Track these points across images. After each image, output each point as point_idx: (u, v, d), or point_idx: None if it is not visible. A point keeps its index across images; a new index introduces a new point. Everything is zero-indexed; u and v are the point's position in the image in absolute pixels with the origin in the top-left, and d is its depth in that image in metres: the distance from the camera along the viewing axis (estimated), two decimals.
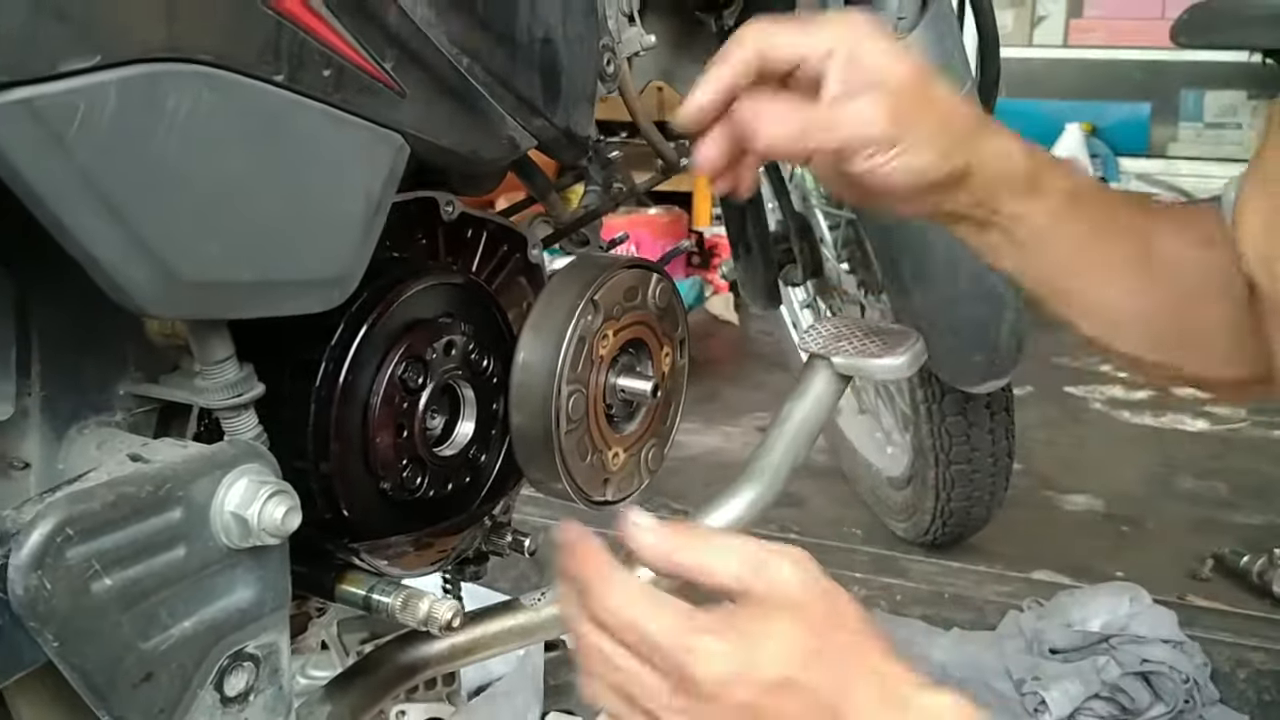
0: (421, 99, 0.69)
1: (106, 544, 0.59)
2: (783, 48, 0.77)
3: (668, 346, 0.91)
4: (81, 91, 0.50)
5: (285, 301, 0.65)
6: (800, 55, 0.77)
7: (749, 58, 0.77)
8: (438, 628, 0.76)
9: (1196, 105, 5.61)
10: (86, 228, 0.52)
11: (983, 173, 0.82)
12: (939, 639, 1.78)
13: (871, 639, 0.65)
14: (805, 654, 0.63)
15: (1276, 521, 2.36)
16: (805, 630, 0.64)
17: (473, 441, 0.84)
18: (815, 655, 0.63)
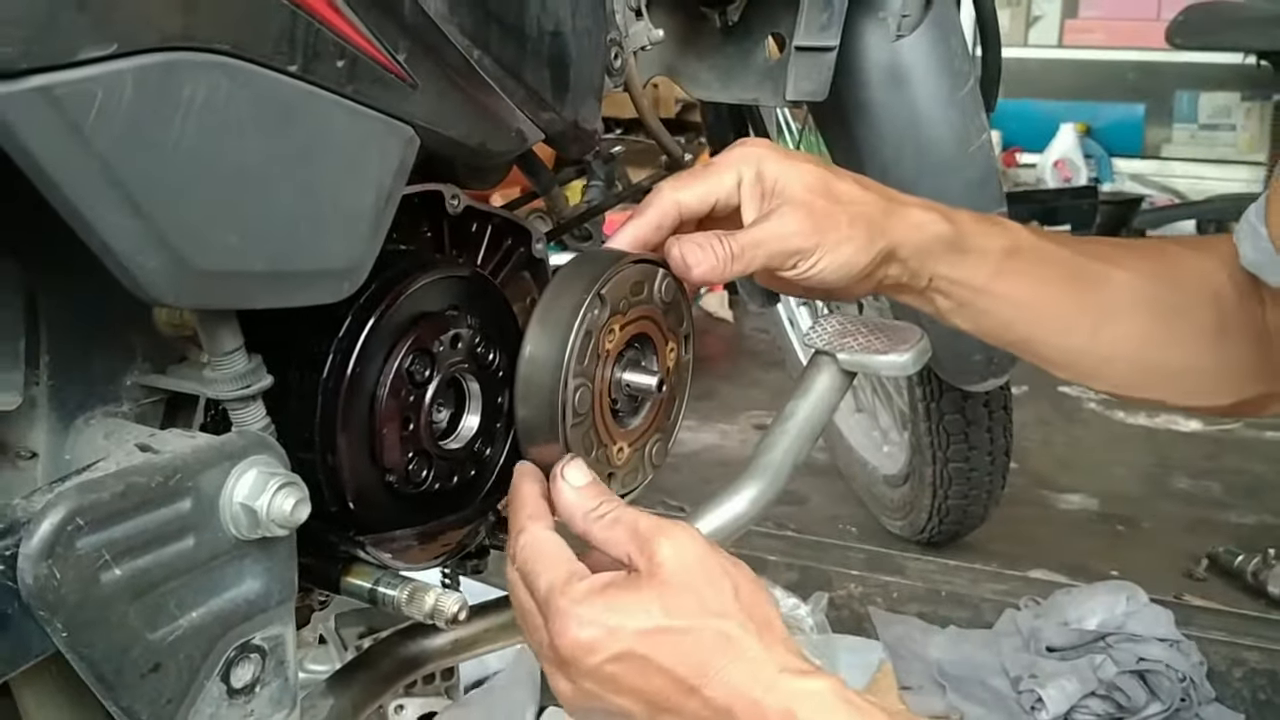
0: (433, 91, 0.69)
1: (116, 534, 0.59)
2: (695, 197, 0.85)
3: (673, 342, 0.91)
4: (99, 79, 0.50)
5: (296, 292, 0.65)
6: (712, 198, 0.86)
7: (667, 211, 0.85)
8: (443, 621, 0.76)
9: (1191, 106, 5.63)
10: (102, 216, 0.52)
11: (905, 248, 0.88)
12: (935, 637, 1.79)
13: (754, 621, 0.69)
14: (659, 633, 0.68)
15: (1270, 521, 2.37)
16: (666, 610, 0.68)
17: (478, 435, 0.84)
18: (675, 636, 0.68)
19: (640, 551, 0.71)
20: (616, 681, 0.69)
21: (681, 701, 0.68)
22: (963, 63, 1.33)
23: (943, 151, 1.32)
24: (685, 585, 0.70)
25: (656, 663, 0.68)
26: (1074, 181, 5.22)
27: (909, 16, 1.24)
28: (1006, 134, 5.56)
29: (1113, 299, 0.95)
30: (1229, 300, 0.97)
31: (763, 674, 0.68)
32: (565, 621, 0.69)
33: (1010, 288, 0.91)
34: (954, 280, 0.90)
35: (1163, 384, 0.98)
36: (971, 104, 1.34)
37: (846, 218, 0.85)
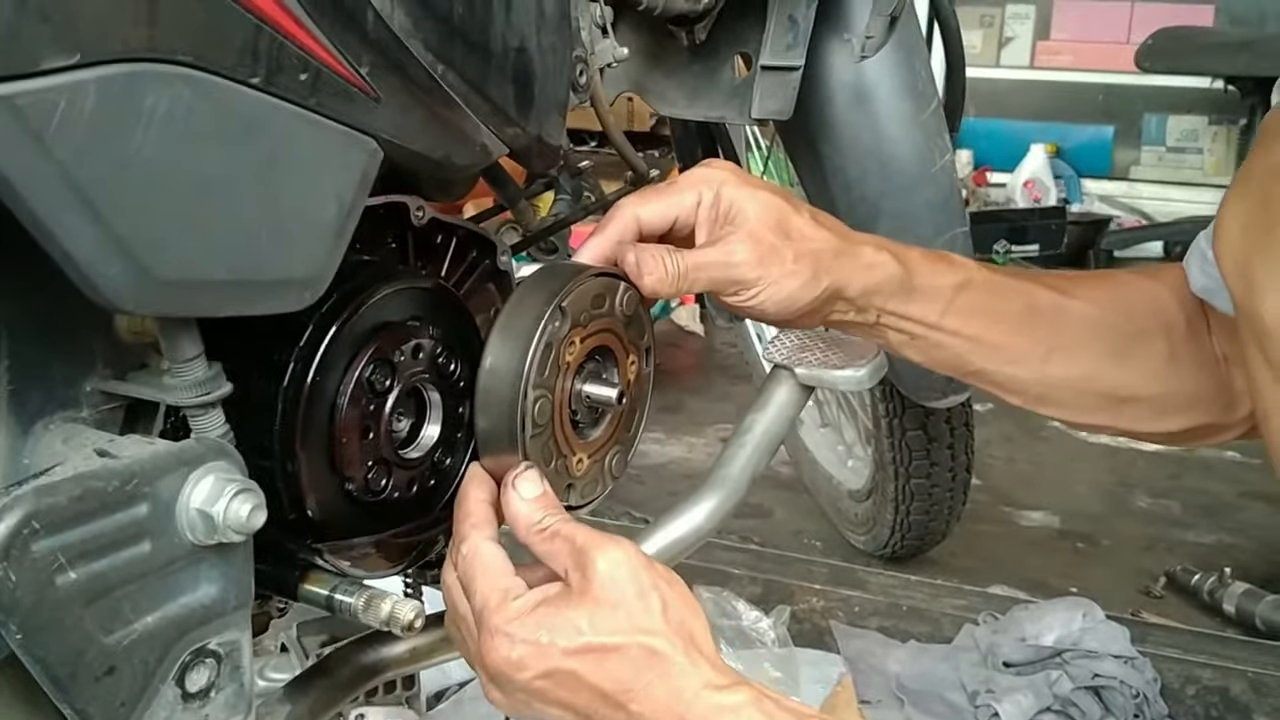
0: (396, 105, 0.70)
1: (72, 538, 0.59)
2: (656, 214, 0.87)
3: (634, 354, 0.92)
4: (61, 89, 0.51)
5: (257, 301, 0.65)
6: (672, 215, 0.88)
7: (627, 225, 0.87)
8: (400, 628, 0.77)
9: (1159, 129, 5.70)
10: (63, 224, 0.53)
11: (852, 287, 0.90)
12: (895, 651, 1.80)
13: (672, 640, 0.71)
14: (584, 652, 0.71)
15: (1227, 541, 2.40)
16: (594, 626, 0.71)
17: (438, 444, 0.84)
18: (600, 654, 0.71)
19: (575, 566, 0.74)
20: (545, 695, 0.72)
21: (610, 714, 0.71)
22: (926, 84, 1.35)
23: (905, 171, 1.34)
24: (615, 602, 0.72)
25: (584, 679, 0.71)
26: (1043, 202, 5.27)
27: (873, 38, 1.26)
28: (977, 153, 5.61)
29: (1064, 329, 0.97)
30: (1179, 329, 0.99)
31: (686, 689, 0.70)
32: (496, 639, 0.72)
33: (961, 324, 0.93)
34: (904, 317, 0.92)
35: (1111, 412, 1.00)
36: (935, 124, 1.36)
37: (793, 254, 0.86)
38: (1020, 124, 5.67)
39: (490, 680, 0.75)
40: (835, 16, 1.27)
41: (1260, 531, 2.45)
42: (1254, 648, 1.79)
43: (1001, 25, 5.86)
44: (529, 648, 0.71)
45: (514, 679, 0.72)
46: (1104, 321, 0.98)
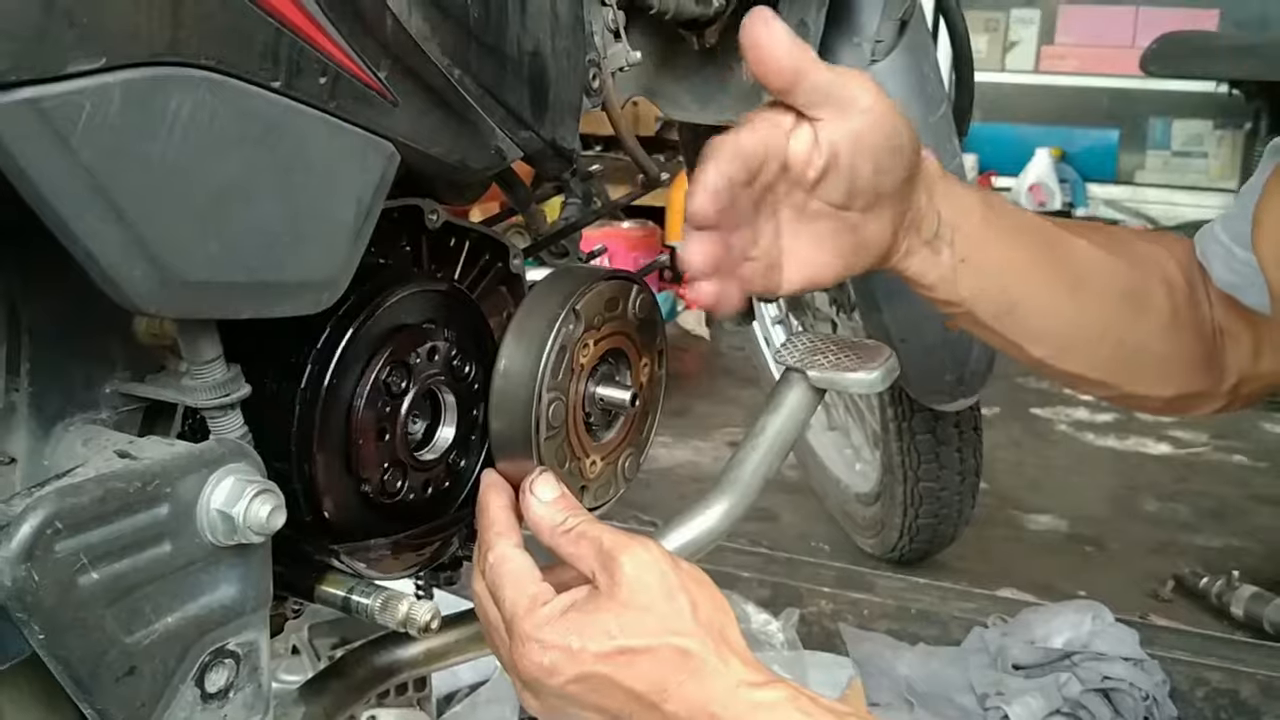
0: (413, 109, 0.70)
1: (94, 538, 0.60)
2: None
3: (646, 357, 0.92)
4: (87, 92, 0.51)
5: (276, 303, 0.66)
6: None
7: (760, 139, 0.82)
8: (416, 629, 0.77)
9: (1164, 133, 5.70)
10: (87, 226, 0.53)
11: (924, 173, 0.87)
12: (904, 654, 1.80)
13: (710, 634, 0.72)
14: (617, 654, 0.71)
15: (1235, 544, 2.40)
16: (625, 629, 0.71)
17: (453, 446, 0.85)
18: (630, 656, 0.70)
19: (603, 569, 0.74)
20: (579, 699, 0.72)
21: (644, 715, 0.71)
22: (936, 88, 1.35)
23: None
24: (644, 604, 0.72)
25: (616, 681, 0.71)
26: (1048, 206, 5.28)
27: (883, 42, 1.26)
28: (983, 158, 5.61)
29: (1081, 266, 0.96)
30: (1180, 290, 1.00)
31: (720, 688, 0.70)
32: (528, 646, 0.72)
33: (998, 238, 0.91)
34: (953, 225, 0.89)
35: (1120, 367, 0.99)
36: (944, 128, 1.37)
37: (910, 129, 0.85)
38: (1025, 128, 5.68)
39: (524, 687, 0.75)
40: (845, 20, 1.27)
41: (1269, 534, 2.45)
42: (1263, 650, 1.79)
43: (1006, 30, 5.86)
44: (560, 653, 0.71)
45: (547, 684, 0.72)
46: (1113, 267, 0.98)
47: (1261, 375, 1.02)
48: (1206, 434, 2.96)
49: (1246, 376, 1.02)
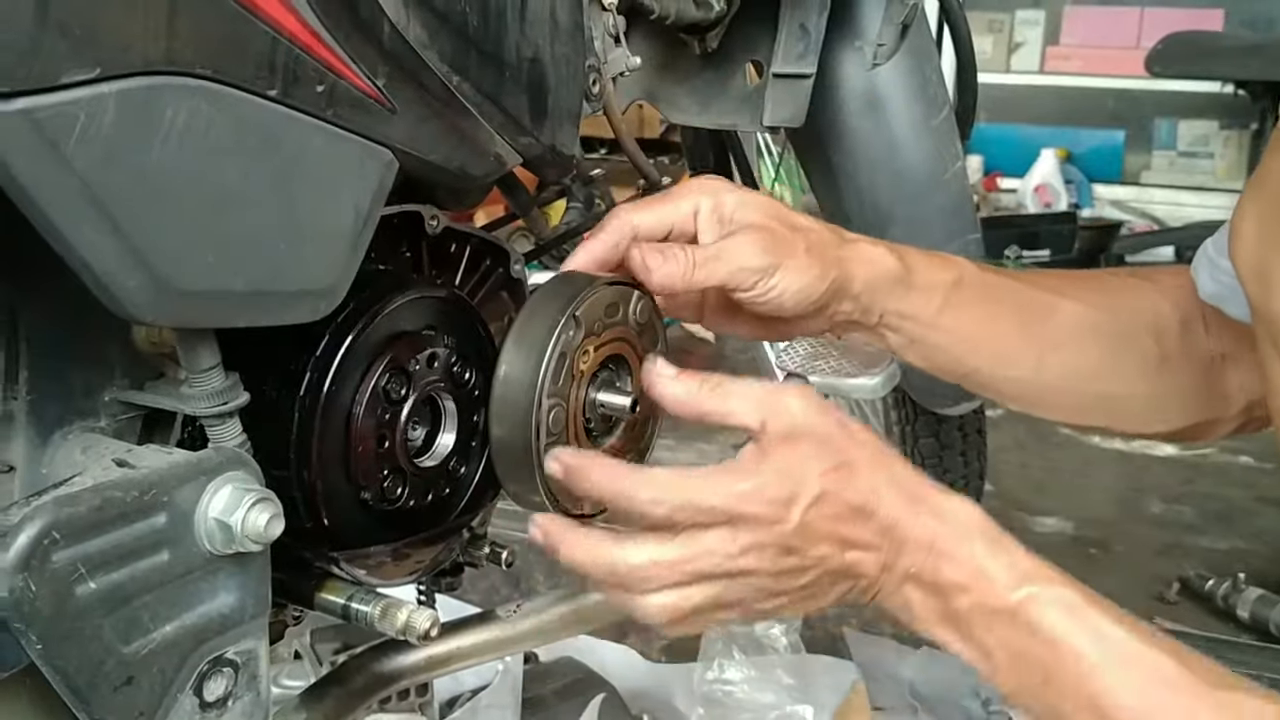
0: (412, 116, 0.70)
1: (92, 548, 0.60)
2: (652, 220, 0.86)
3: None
4: (81, 103, 0.51)
5: (274, 312, 0.66)
6: (669, 222, 0.86)
7: (624, 231, 0.84)
8: (415, 637, 0.77)
9: (1170, 134, 5.69)
10: (82, 236, 0.53)
11: (857, 282, 0.89)
12: (909, 657, 1.80)
13: (885, 450, 0.75)
14: (837, 470, 0.72)
15: (1241, 546, 2.40)
16: (828, 449, 0.73)
17: (453, 453, 0.85)
18: (845, 469, 0.72)
19: (772, 413, 0.74)
20: (815, 529, 0.72)
21: (860, 532, 0.73)
22: (938, 90, 1.35)
23: (917, 178, 1.34)
24: (824, 426, 0.74)
25: (843, 497, 0.72)
26: (1054, 207, 5.27)
27: (885, 45, 1.26)
28: (988, 159, 5.61)
29: (1058, 329, 0.98)
30: (1171, 330, 1.00)
31: (913, 489, 0.75)
32: (755, 495, 0.71)
33: (957, 321, 0.93)
34: (903, 315, 0.92)
35: (1107, 412, 1.01)
36: (947, 131, 1.36)
37: (804, 244, 0.86)
38: (1030, 129, 5.67)
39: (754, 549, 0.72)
40: (847, 24, 1.27)
41: (1275, 537, 2.44)
42: (1269, 653, 1.79)
43: (1011, 31, 5.85)
44: (791, 482, 0.71)
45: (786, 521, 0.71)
46: (1095, 320, 0.99)
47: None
48: None
49: (1258, 399, 1.01)
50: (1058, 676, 0.71)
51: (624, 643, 1.85)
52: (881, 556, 0.74)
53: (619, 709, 1.60)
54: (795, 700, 1.56)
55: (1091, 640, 0.71)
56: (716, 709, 1.58)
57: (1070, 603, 0.72)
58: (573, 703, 1.57)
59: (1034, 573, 0.74)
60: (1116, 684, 0.70)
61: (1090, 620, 0.72)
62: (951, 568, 0.73)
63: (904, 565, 0.74)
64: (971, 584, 0.73)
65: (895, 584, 0.75)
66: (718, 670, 1.60)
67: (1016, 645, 0.72)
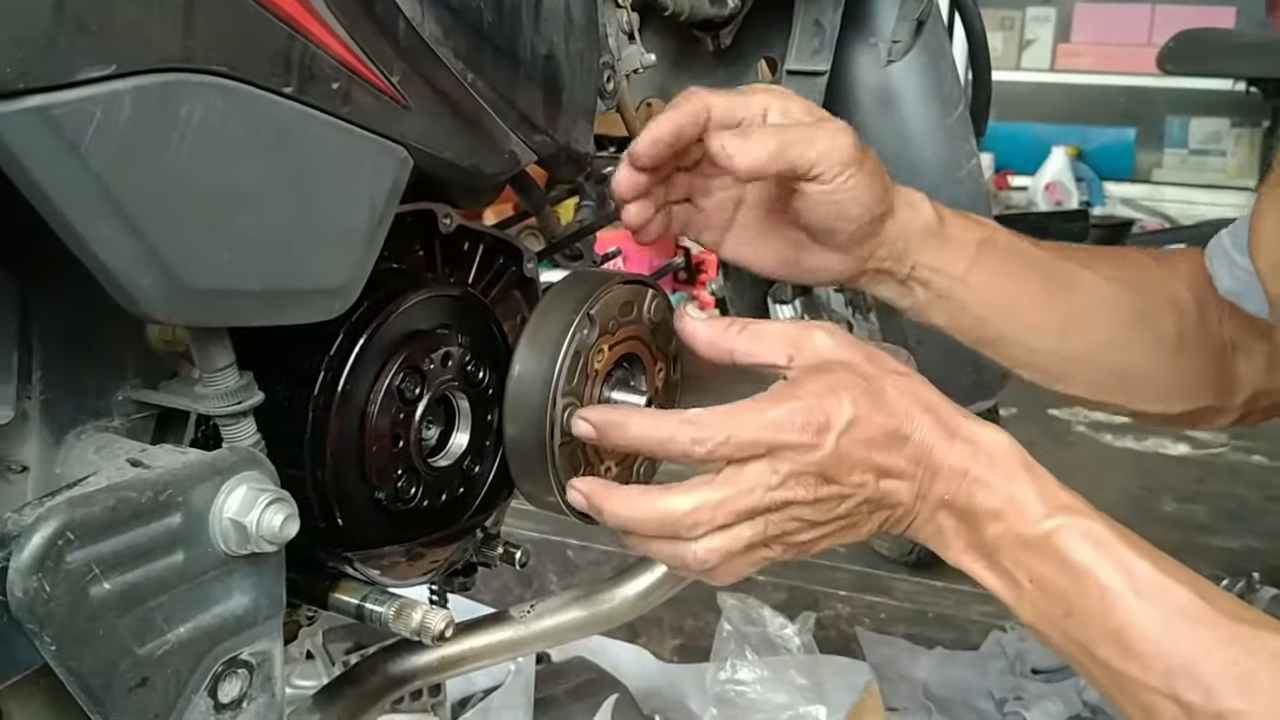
0: (426, 113, 0.70)
1: (106, 548, 0.59)
2: (727, 105, 0.83)
3: (661, 362, 0.91)
4: (97, 99, 0.50)
5: (289, 310, 0.65)
6: (740, 114, 0.84)
7: (699, 108, 0.82)
8: (430, 638, 0.77)
9: (1181, 131, 5.67)
10: (97, 234, 0.53)
11: (897, 224, 0.89)
12: (922, 658, 1.79)
13: (916, 377, 0.76)
14: (867, 396, 0.73)
15: (1255, 546, 2.38)
16: (858, 376, 0.73)
17: (467, 452, 0.84)
18: (876, 395, 0.73)
19: (799, 348, 0.75)
20: (850, 455, 0.72)
21: (894, 459, 0.73)
22: (952, 88, 1.34)
23: (932, 175, 1.33)
24: (852, 356, 0.75)
25: (875, 421, 0.73)
26: (1065, 205, 5.25)
27: (899, 42, 1.25)
28: (999, 156, 5.59)
29: (1081, 301, 0.98)
30: (1189, 313, 1.01)
31: (947, 417, 0.75)
32: (789, 421, 0.71)
33: (984, 281, 0.93)
34: (934, 269, 0.91)
35: (1122, 389, 1.02)
36: (961, 128, 1.36)
37: (871, 161, 0.85)
38: (1041, 127, 5.65)
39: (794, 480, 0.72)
40: (861, 21, 1.26)
41: None
42: None
43: (1022, 28, 5.84)
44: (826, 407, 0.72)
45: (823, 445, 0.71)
46: (1118, 296, 1.00)
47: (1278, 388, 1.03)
48: (1225, 434, 2.94)
49: (1261, 390, 1.03)
50: (1081, 607, 0.72)
51: (636, 643, 1.84)
52: (916, 484, 0.74)
53: (631, 709, 1.59)
54: (808, 701, 1.55)
55: (1117, 572, 0.71)
56: (729, 709, 1.57)
57: (1098, 535, 0.73)
58: (585, 703, 1.56)
59: (1066, 504, 0.74)
60: (1139, 617, 0.70)
61: (1117, 553, 0.72)
62: (985, 494, 0.74)
63: (938, 492, 0.75)
64: (1004, 511, 0.73)
65: (929, 511, 0.76)
66: (730, 670, 1.59)
67: (1043, 575, 0.73)
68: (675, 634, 1.91)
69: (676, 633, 1.91)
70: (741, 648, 1.61)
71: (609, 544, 2.06)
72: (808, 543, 0.76)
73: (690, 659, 1.81)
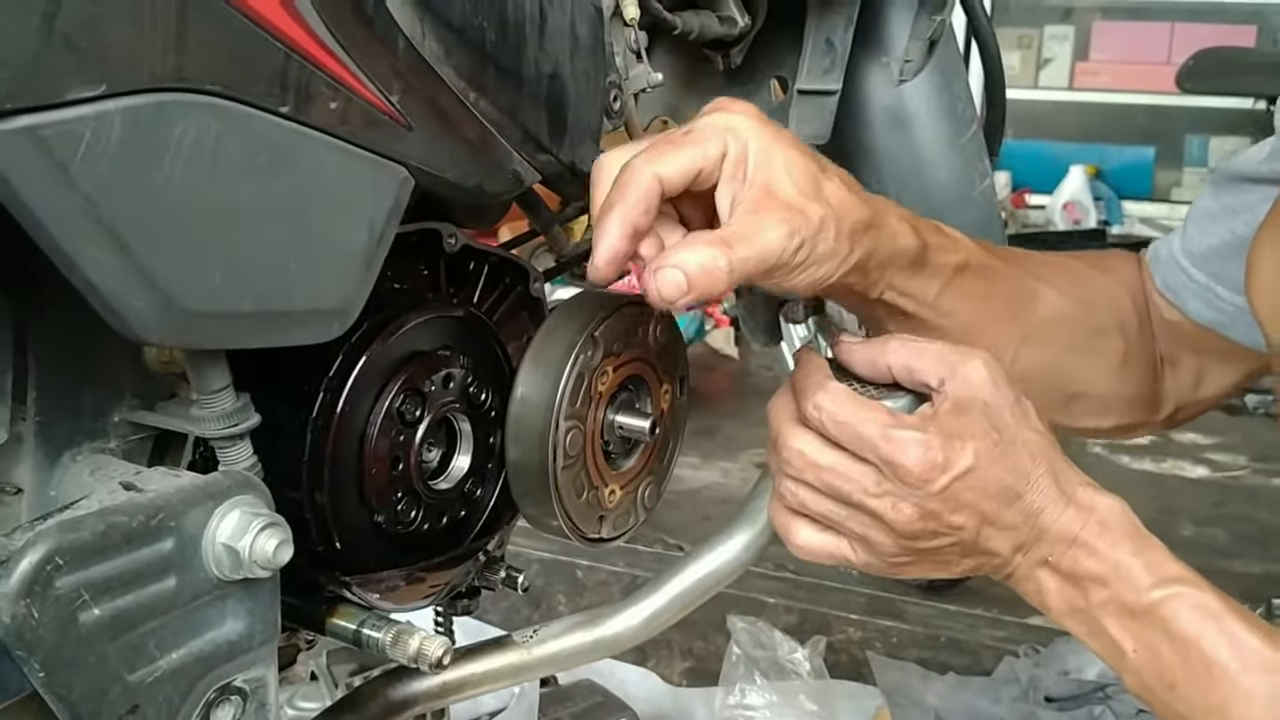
0: (427, 132, 0.69)
1: (96, 573, 0.58)
2: (677, 170, 0.74)
3: (667, 384, 0.90)
4: (87, 120, 0.50)
5: (286, 332, 0.65)
6: (695, 170, 0.75)
7: (650, 191, 0.73)
8: (427, 665, 0.76)
9: (1201, 150, 5.64)
10: (88, 256, 0.52)
11: (875, 258, 0.84)
12: (934, 684, 1.77)
13: (1049, 439, 0.76)
14: (994, 449, 0.73)
15: (1275, 570, 2.35)
16: (993, 424, 0.73)
17: (469, 475, 0.83)
18: (1003, 449, 0.73)
19: (954, 374, 0.75)
20: (958, 498, 0.73)
21: (1002, 511, 0.74)
22: (966, 107, 1.33)
23: (945, 196, 1.32)
24: (1001, 401, 0.74)
25: (994, 474, 0.73)
26: (1083, 223, 5.23)
27: (911, 61, 1.24)
28: (1016, 175, 5.57)
29: (1037, 318, 0.98)
30: (1131, 327, 1.02)
31: (1067, 483, 0.75)
32: (912, 448, 0.72)
33: (954, 304, 0.91)
34: (905, 293, 0.88)
35: (1063, 409, 1.01)
36: (974, 149, 1.34)
37: (834, 229, 0.77)
38: (1059, 145, 5.63)
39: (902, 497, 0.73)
40: (873, 40, 1.25)
41: None
42: None
43: (1040, 46, 5.82)
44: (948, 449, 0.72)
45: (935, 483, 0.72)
46: (1071, 313, 1.00)
47: (1200, 401, 1.06)
48: (1245, 456, 2.91)
49: (1185, 403, 1.06)
50: (1185, 679, 0.71)
51: (645, 665, 1.83)
52: (1019, 538, 0.74)
53: None
54: None
55: (1225, 645, 0.71)
56: None
57: (1207, 606, 0.72)
58: None
59: (1175, 574, 0.74)
60: (1244, 693, 0.70)
61: (1225, 625, 0.71)
62: (1091, 560, 0.74)
63: (1041, 552, 0.75)
64: (1109, 578, 0.73)
65: (1029, 568, 0.75)
66: (739, 695, 1.58)
67: (1148, 644, 0.73)
68: (685, 656, 1.90)
69: (686, 655, 1.90)
70: (751, 672, 1.60)
71: (618, 565, 2.05)
72: (892, 563, 0.77)
73: (699, 682, 1.80)
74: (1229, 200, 1.00)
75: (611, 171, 0.75)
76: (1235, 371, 1.04)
